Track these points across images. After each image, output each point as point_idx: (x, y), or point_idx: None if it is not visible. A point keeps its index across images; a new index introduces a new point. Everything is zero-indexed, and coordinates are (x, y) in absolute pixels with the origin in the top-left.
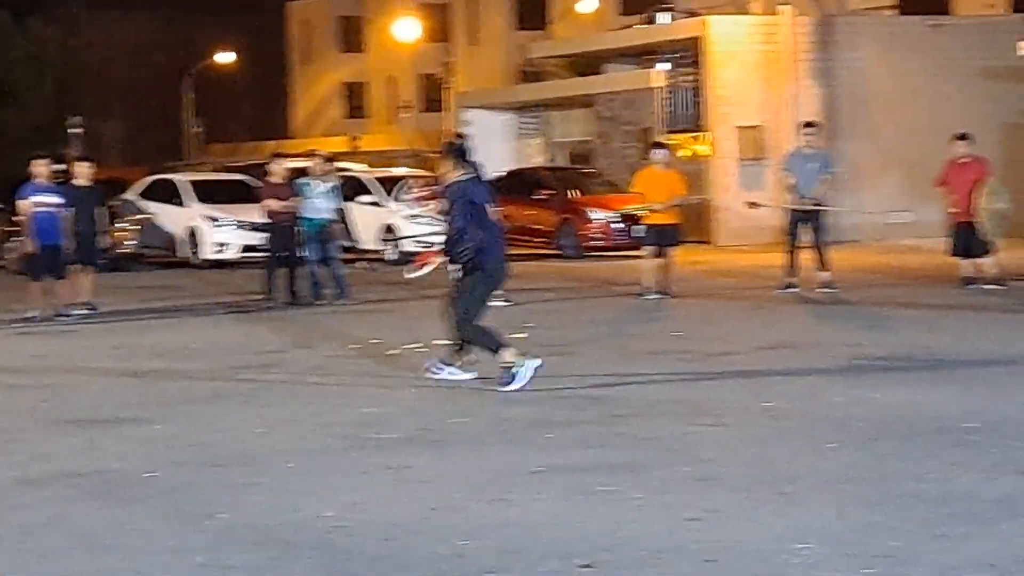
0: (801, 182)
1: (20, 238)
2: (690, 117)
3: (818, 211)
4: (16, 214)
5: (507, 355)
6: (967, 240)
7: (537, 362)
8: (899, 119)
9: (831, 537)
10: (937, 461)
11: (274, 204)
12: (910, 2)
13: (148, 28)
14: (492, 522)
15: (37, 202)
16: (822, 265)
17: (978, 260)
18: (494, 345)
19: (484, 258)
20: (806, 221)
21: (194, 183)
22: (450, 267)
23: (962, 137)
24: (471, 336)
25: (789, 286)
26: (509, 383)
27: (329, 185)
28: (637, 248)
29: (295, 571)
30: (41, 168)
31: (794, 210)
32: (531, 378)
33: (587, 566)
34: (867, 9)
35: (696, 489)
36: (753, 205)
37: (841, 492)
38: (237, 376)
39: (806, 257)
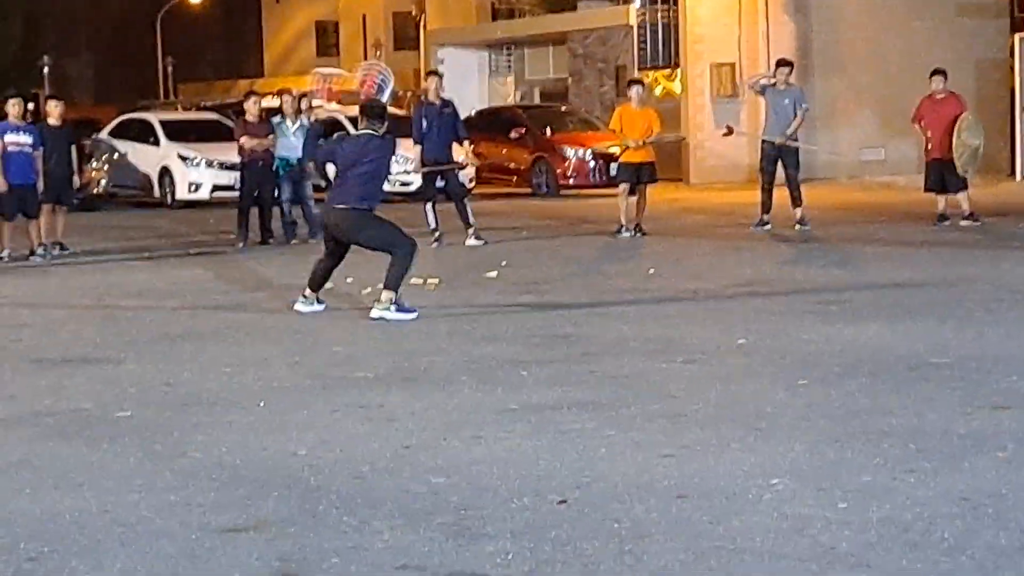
0: (774, 119)
1: None
2: (664, 54)
3: (792, 148)
4: None
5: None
6: (942, 176)
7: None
8: (873, 55)
9: (802, 473)
10: (908, 397)
11: (248, 143)
12: None
13: None
14: (464, 460)
15: (9, 142)
16: (796, 202)
17: (953, 196)
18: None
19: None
20: (780, 158)
21: (167, 122)
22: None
23: (938, 73)
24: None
25: (763, 223)
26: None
27: (301, 123)
28: (612, 186)
29: (266, 509)
30: (12, 108)
31: (768, 147)
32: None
33: (562, 502)
34: None
35: (667, 426)
36: (729, 131)
37: (812, 428)
38: (208, 315)
39: (780, 194)
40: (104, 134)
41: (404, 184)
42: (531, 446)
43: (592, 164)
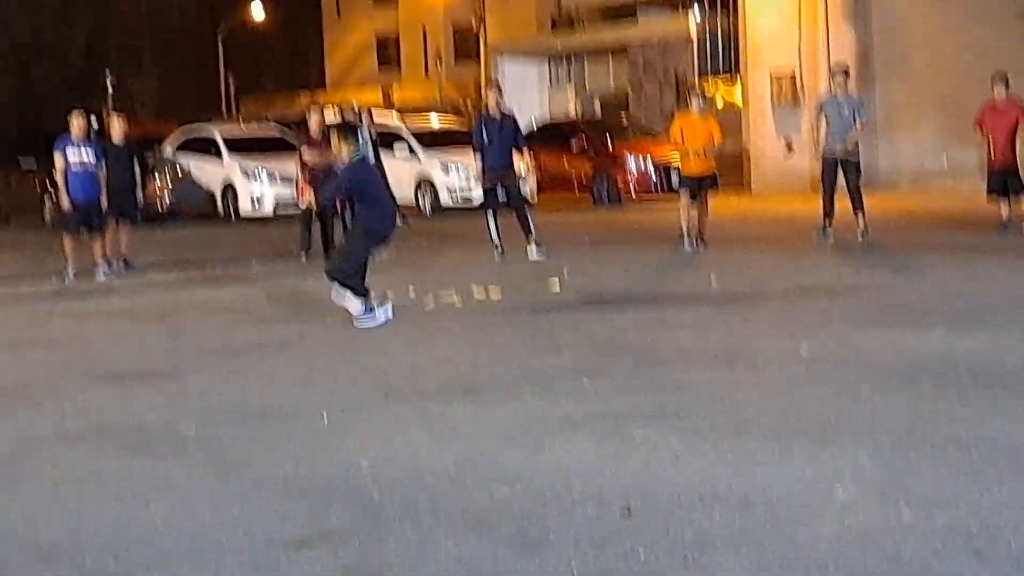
0: (835, 127)
1: (57, 193)
2: (724, 63)
3: (853, 156)
4: (53, 170)
5: (371, 296)
6: (1005, 183)
7: (389, 308)
8: (934, 61)
9: (866, 481)
10: (972, 405)
11: (310, 157)
12: None
13: None
14: (528, 470)
15: (72, 158)
16: (858, 210)
17: (1016, 203)
18: (362, 290)
19: (372, 221)
20: (841, 166)
21: (229, 137)
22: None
23: (1000, 79)
24: (345, 275)
25: (825, 231)
26: (366, 319)
27: (364, 137)
28: (673, 195)
29: (330, 520)
30: (77, 123)
31: (829, 155)
32: (384, 321)
33: (626, 511)
34: None
35: (731, 435)
36: (789, 148)
37: (875, 436)
38: (271, 328)
39: (842, 202)
40: (167, 149)
41: (465, 196)
42: (594, 455)
43: (653, 174)
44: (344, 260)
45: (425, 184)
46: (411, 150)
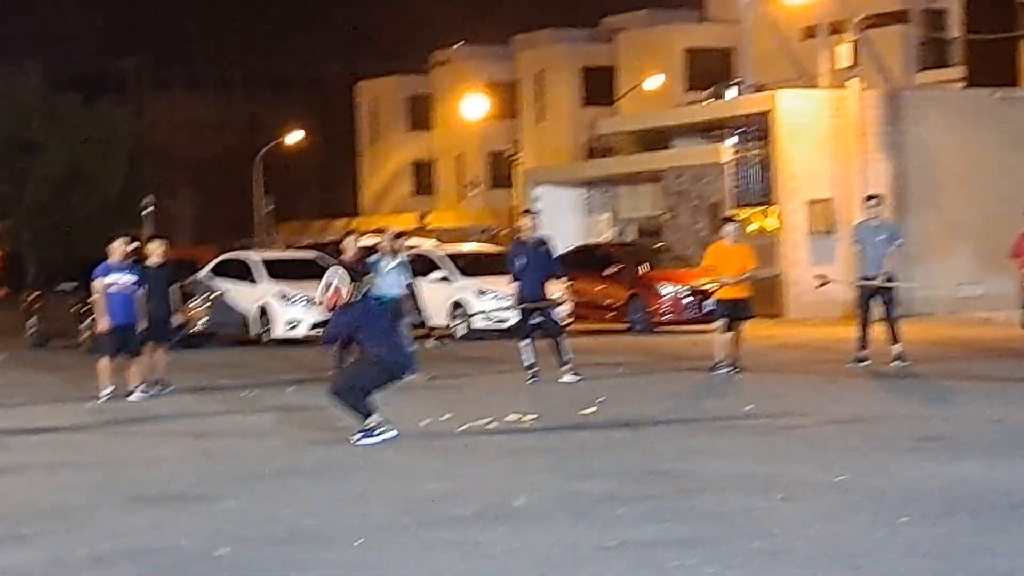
0: (870, 255)
1: (94, 316)
2: (759, 191)
3: (889, 282)
4: (91, 294)
5: (373, 420)
6: None
7: (393, 433)
8: (968, 191)
9: None
10: (1010, 535)
11: None
12: (978, 75)
13: (215, 108)
14: None
15: (110, 282)
16: (894, 338)
17: None
18: (366, 412)
19: (383, 352)
20: (877, 294)
21: (265, 261)
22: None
23: None
24: (350, 400)
25: (860, 359)
26: (363, 437)
27: (398, 262)
28: (708, 322)
29: None
30: (116, 248)
31: (865, 282)
32: (381, 442)
33: None
34: (935, 83)
35: (766, 564)
36: (822, 281)
37: (913, 567)
38: (307, 452)
39: (878, 330)
40: (203, 273)
41: (500, 321)
42: None
43: (687, 301)
44: (349, 384)
45: (460, 307)
46: (446, 275)
